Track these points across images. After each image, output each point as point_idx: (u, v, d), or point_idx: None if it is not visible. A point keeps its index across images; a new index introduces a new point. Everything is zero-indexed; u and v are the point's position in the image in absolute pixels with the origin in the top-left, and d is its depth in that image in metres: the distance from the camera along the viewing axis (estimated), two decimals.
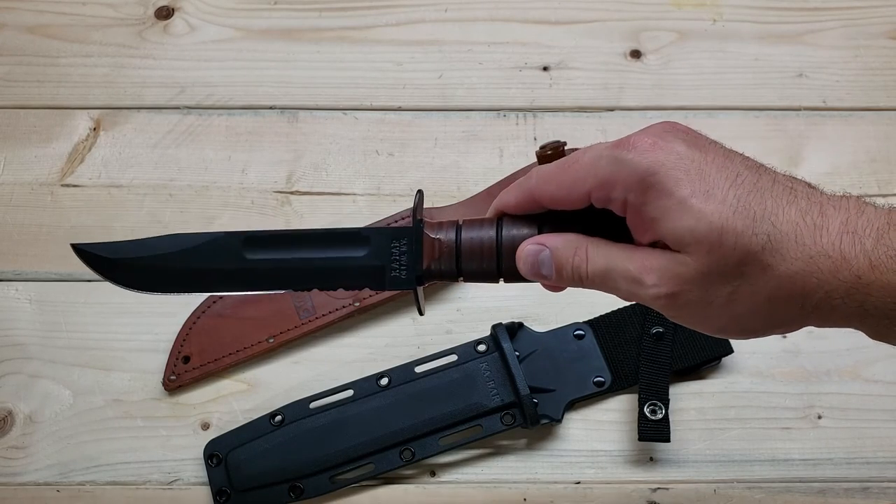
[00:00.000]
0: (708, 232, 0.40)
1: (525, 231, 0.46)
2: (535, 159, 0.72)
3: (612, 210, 0.43)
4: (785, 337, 0.69)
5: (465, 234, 0.46)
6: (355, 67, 0.82)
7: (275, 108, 0.80)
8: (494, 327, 0.67)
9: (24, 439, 0.66)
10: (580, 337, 0.68)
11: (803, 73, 0.81)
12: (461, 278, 0.47)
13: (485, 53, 0.82)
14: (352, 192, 0.76)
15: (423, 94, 0.80)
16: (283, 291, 0.51)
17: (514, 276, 0.46)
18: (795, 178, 0.42)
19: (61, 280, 0.72)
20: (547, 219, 0.46)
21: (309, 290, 0.47)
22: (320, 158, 0.77)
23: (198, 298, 0.70)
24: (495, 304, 0.71)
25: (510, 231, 0.46)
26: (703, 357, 0.67)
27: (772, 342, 0.69)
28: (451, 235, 0.46)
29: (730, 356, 0.68)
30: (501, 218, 0.46)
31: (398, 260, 0.46)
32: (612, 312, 0.69)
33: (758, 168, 0.41)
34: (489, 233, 0.46)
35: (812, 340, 0.69)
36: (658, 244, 0.42)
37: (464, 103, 0.80)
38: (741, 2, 0.84)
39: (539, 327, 0.69)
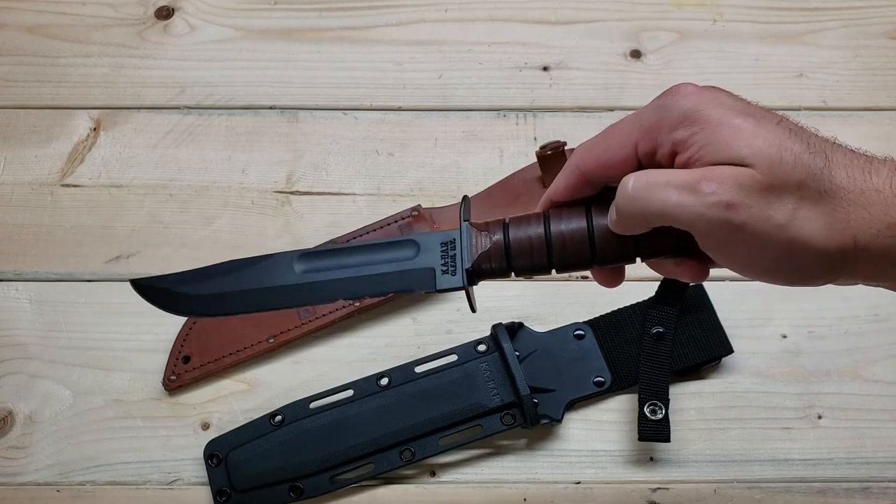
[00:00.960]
0: (767, 146, 0.39)
1: (573, 222, 0.46)
2: (535, 159, 0.72)
3: (660, 164, 0.42)
4: (785, 337, 0.69)
5: (513, 233, 0.46)
6: (355, 67, 0.82)
7: (275, 108, 0.80)
8: (494, 327, 0.67)
9: (24, 439, 0.66)
10: (580, 337, 0.68)
11: (803, 73, 0.81)
12: (512, 274, 0.47)
13: (485, 53, 0.82)
14: (352, 192, 0.76)
15: (423, 94, 0.80)
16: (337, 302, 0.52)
17: (565, 266, 0.46)
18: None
19: (61, 280, 0.72)
20: (593, 201, 0.46)
21: (362, 298, 0.49)
22: (320, 158, 0.77)
23: None
24: (495, 304, 0.71)
25: (558, 225, 0.46)
26: (703, 357, 0.67)
27: (772, 342, 0.69)
28: (499, 235, 0.47)
29: (730, 356, 0.68)
30: (548, 213, 0.46)
31: (448, 262, 0.47)
32: (612, 312, 0.69)
33: (798, 123, 0.42)
34: (537, 229, 0.46)
35: (812, 340, 0.69)
36: None
37: (464, 103, 0.80)
38: (741, 2, 0.84)
39: (539, 327, 0.69)
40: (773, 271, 0.42)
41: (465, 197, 0.50)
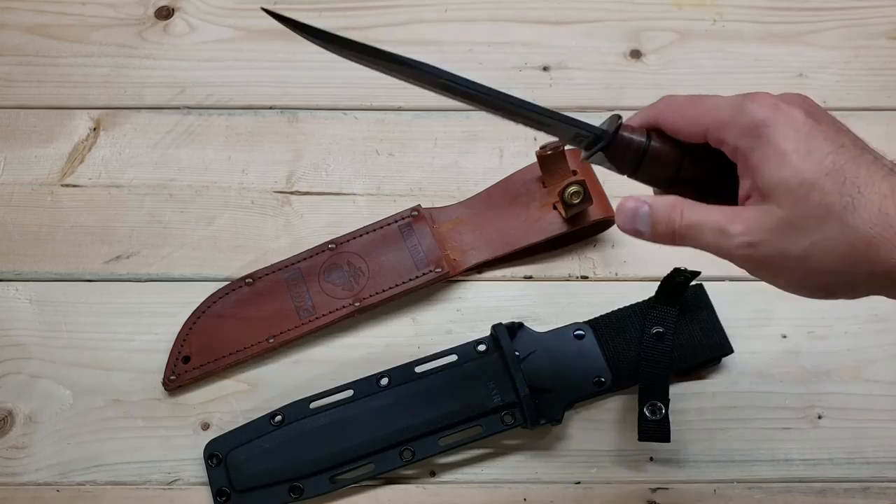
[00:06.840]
0: (798, 185, 0.43)
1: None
2: (535, 159, 0.72)
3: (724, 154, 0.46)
4: (785, 337, 0.69)
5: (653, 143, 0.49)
6: (355, 67, 0.81)
7: (275, 108, 0.80)
8: (494, 327, 0.67)
9: (24, 439, 0.66)
10: (580, 337, 0.68)
11: (803, 73, 0.81)
12: (629, 172, 0.50)
13: (485, 53, 0.82)
14: (352, 192, 0.76)
15: (423, 94, 0.79)
16: None
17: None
18: None
19: (61, 280, 0.72)
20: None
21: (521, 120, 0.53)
22: (320, 158, 0.77)
23: (197, 298, 0.70)
24: (495, 304, 0.71)
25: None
26: (703, 357, 0.67)
27: (772, 342, 0.69)
28: (642, 138, 0.49)
29: (730, 356, 0.68)
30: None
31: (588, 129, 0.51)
32: (612, 312, 0.69)
33: (864, 146, 0.45)
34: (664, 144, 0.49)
35: (812, 340, 0.69)
36: (752, 199, 0.45)
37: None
38: (741, 2, 0.84)
39: (539, 327, 0.69)
40: (797, 287, 0.46)
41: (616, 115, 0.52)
